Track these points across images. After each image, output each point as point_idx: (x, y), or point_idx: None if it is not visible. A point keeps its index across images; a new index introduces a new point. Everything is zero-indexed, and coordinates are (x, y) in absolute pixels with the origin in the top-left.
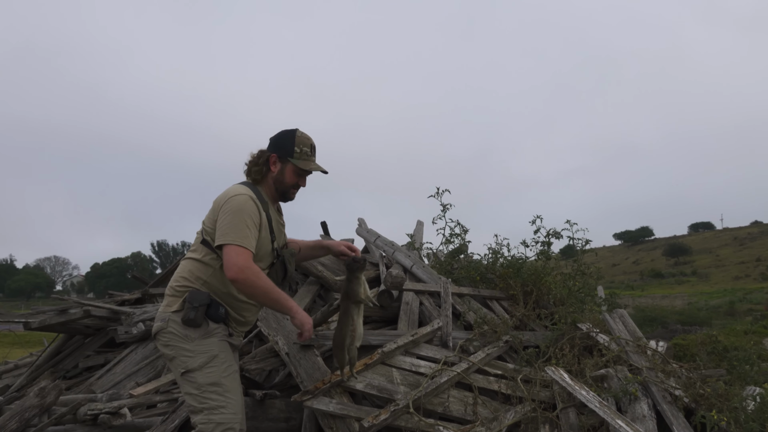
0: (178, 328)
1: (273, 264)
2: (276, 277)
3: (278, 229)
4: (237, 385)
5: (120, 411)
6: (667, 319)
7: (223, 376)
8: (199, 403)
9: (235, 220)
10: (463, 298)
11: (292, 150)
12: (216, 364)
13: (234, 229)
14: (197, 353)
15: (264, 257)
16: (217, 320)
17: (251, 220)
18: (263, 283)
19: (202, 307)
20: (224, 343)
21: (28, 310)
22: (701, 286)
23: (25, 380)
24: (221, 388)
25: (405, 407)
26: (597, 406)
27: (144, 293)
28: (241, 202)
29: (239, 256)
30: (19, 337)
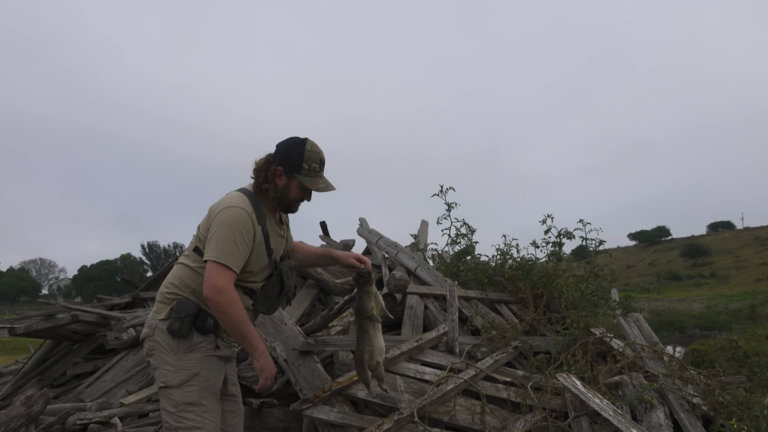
0: (164, 338)
1: (271, 276)
2: (272, 290)
3: (276, 241)
4: (216, 404)
5: (110, 421)
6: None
7: (202, 396)
8: (175, 421)
9: (224, 235)
10: (470, 301)
11: (299, 166)
12: (196, 382)
13: (222, 245)
14: (178, 369)
15: (261, 271)
16: (205, 332)
17: (242, 237)
18: (235, 313)
19: (189, 318)
20: (209, 359)
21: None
22: (720, 289)
23: (10, 389)
24: (199, 408)
25: (409, 416)
26: (611, 414)
27: (135, 297)
28: (234, 216)
29: (220, 277)
30: (3, 344)
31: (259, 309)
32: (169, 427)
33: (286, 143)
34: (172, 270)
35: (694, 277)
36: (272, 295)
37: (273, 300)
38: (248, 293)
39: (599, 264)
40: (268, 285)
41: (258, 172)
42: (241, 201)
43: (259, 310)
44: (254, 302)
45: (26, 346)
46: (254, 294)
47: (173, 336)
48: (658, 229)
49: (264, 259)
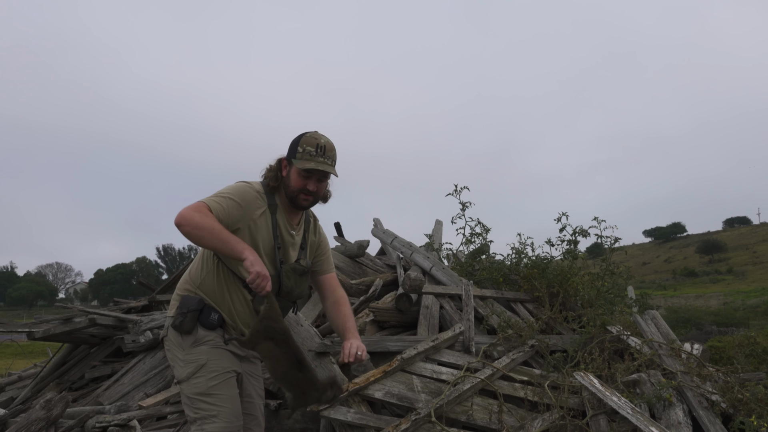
0: (173, 335)
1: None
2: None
3: (284, 237)
4: (230, 390)
5: (129, 423)
6: (701, 320)
7: (211, 385)
8: (192, 413)
9: (222, 191)
10: (486, 300)
11: (295, 150)
12: (203, 373)
13: (215, 194)
14: (187, 363)
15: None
16: (210, 327)
17: (236, 201)
18: (207, 222)
19: (192, 313)
20: (217, 351)
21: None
22: (737, 285)
23: (29, 392)
24: (212, 397)
25: (426, 416)
26: (629, 412)
27: (151, 300)
28: (240, 185)
29: (194, 204)
30: (22, 348)
31: (256, 307)
32: (190, 419)
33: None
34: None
35: (710, 274)
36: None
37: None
38: (247, 288)
39: (615, 261)
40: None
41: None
42: (252, 182)
43: (256, 308)
44: (253, 299)
45: (44, 350)
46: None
47: (178, 332)
48: (674, 226)
49: (267, 249)
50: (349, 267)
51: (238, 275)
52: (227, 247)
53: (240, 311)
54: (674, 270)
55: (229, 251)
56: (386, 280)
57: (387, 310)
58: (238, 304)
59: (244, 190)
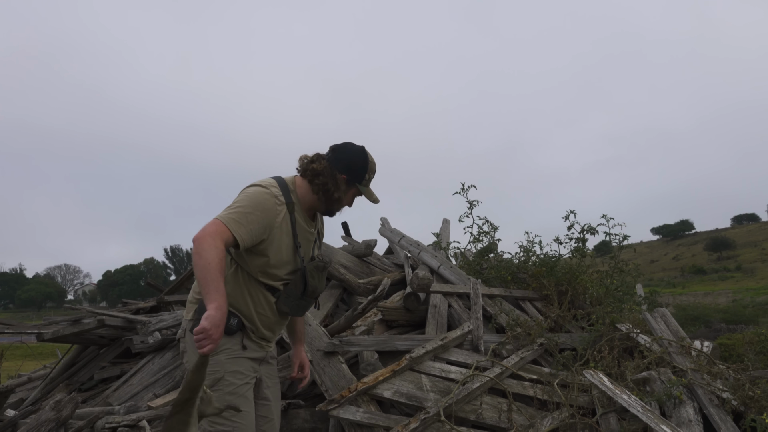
0: (191, 341)
1: (295, 272)
2: (295, 288)
3: (304, 236)
4: (247, 406)
5: (139, 424)
6: (710, 317)
7: (228, 399)
8: (208, 425)
9: (240, 204)
10: (494, 299)
11: (363, 177)
12: (221, 387)
13: (232, 210)
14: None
15: (283, 264)
16: (229, 332)
17: (256, 213)
18: (210, 257)
19: None
20: (235, 360)
21: (40, 320)
22: (746, 282)
23: (39, 393)
24: (228, 411)
25: (436, 415)
26: (639, 410)
27: (159, 301)
28: (256, 192)
29: (213, 226)
30: (31, 349)
31: (281, 308)
32: (204, 430)
33: (348, 150)
34: None
35: (719, 271)
36: (295, 294)
37: (296, 300)
38: (270, 290)
39: (623, 259)
40: (291, 283)
41: (323, 176)
42: (269, 183)
43: (282, 310)
44: (276, 300)
45: (53, 352)
46: (276, 292)
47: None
48: (682, 223)
49: (288, 251)
50: (357, 266)
51: (257, 279)
52: (204, 290)
53: (262, 314)
54: (682, 268)
55: (204, 294)
56: (394, 279)
57: (395, 309)
58: (260, 307)
59: (263, 199)
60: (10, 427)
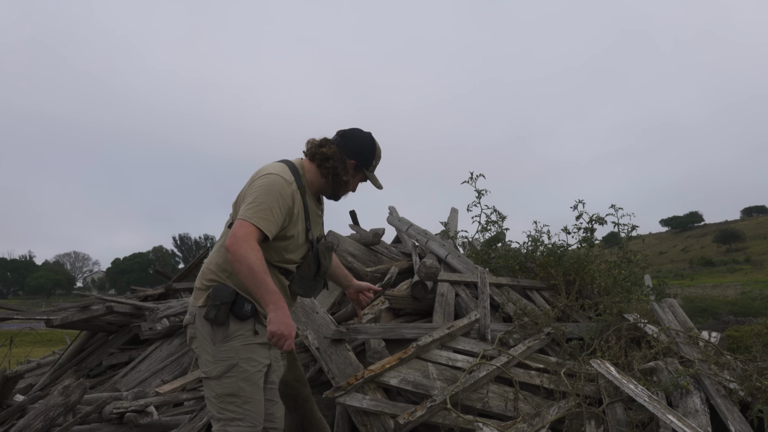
0: (202, 326)
1: (307, 255)
2: (309, 270)
3: (314, 219)
4: (257, 394)
5: (146, 409)
6: (718, 309)
7: (241, 387)
8: (217, 412)
9: (260, 199)
10: (502, 288)
11: (371, 163)
12: (234, 373)
13: (255, 207)
14: (217, 360)
15: (298, 248)
16: (243, 318)
17: (278, 204)
18: (251, 259)
19: (225, 305)
20: (248, 347)
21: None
22: (755, 275)
23: (48, 379)
24: (239, 399)
25: (442, 403)
26: (646, 400)
27: (168, 288)
28: (273, 182)
29: (243, 229)
30: (40, 336)
31: (295, 290)
32: (213, 417)
33: (357, 137)
34: (210, 255)
35: (728, 263)
36: (308, 276)
37: (309, 281)
38: (284, 273)
39: (632, 250)
40: (304, 265)
41: (332, 160)
42: (281, 170)
43: (296, 292)
44: (290, 283)
45: (62, 338)
46: (290, 274)
47: (210, 323)
48: (691, 215)
49: (302, 235)
50: (365, 255)
51: (272, 263)
52: (258, 291)
53: None
54: (691, 259)
55: (258, 296)
56: (402, 267)
57: (402, 297)
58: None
59: (281, 188)
60: (19, 412)
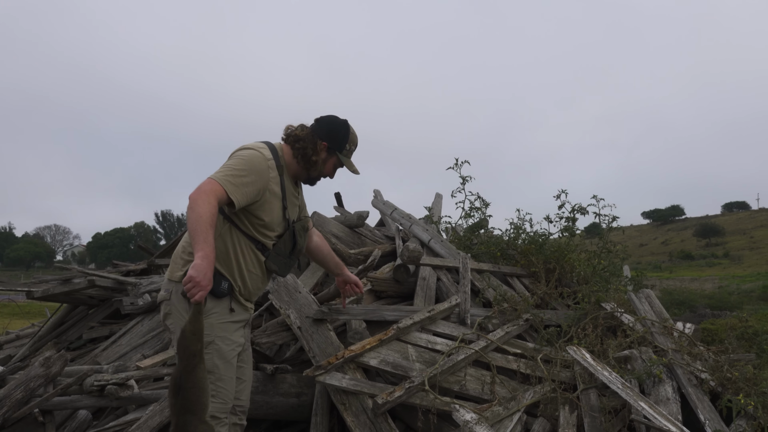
0: (178, 302)
1: (283, 235)
2: (284, 247)
3: (291, 200)
4: (230, 372)
5: (127, 383)
6: (695, 302)
7: (216, 364)
8: None
9: (236, 166)
10: (483, 274)
11: (343, 146)
12: (209, 351)
13: (227, 172)
14: None
15: (274, 225)
16: (219, 295)
17: (251, 177)
18: (203, 210)
19: None
20: (224, 325)
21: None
22: (733, 269)
23: (27, 351)
24: (213, 375)
25: (420, 385)
26: (619, 387)
27: (150, 264)
28: (252, 156)
29: (209, 185)
30: (19, 308)
31: (270, 267)
32: None
33: (331, 121)
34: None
35: (707, 257)
36: (284, 253)
37: (284, 258)
38: (260, 249)
39: (612, 240)
40: (280, 242)
41: (303, 141)
42: (259, 146)
43: (271, 268)
44: (266, 259)
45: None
46: (266, 251)
47: (187, 300)
48: (672, 208)
49: (278, 212)
50: (348, 237)
51: (252, 237)
52: (193, 241)
53: (252, 272)
54: (671, 252)
55: (193, 245)
56: (385, 250)
57: (384, 280)
58: (250, 265)
59: (256, 162)
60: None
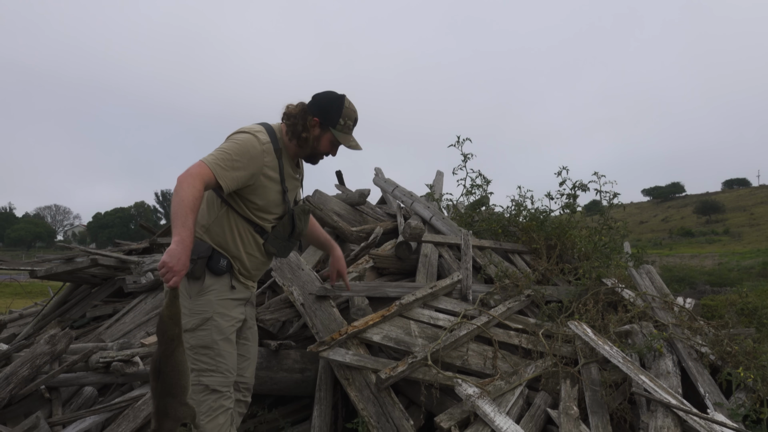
0: (183, 282)
1: (283, 216)
2: (283, 230)
3: (291, 183)
4: (230, 347)
5: (132, 359)
6: (695, 279)
7: (214, 340)
8: (192, 362)
9: (228, 150)
10: (484, 251)
11: (336, 121)
12: (208, 327)
13: (219, 155)
14: (192, 313)
15: (272, 207)
16: (218, 273)
17: (243, 161)
18: (186, 194)
19: (201, 260)
20: (223, 302)
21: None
22: (733, 246)
23: (31, 329)
24: (212, 351)
25: (423, 360)
26: (620, 361)
27: (152, 242)
28: (246, 140)
29: (197, 168)
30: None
31: (269, 249)
32: (190, 368)
33: (325, 97)
34: None
35: (706, 234)
36: (283, 236)
37: (284, 241)
38: (259, 232)
39: (613, 217)
40: (279, 225)
41: (294, 118)
42: (256, 129)
43: (270, 251)
44: (265, 242)
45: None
46: (265, 233)
47: (186, 277)
48: (673, 186)
49: (276, 195)
50: (350, 215)
51: (249, 219)
52: (173, 224)
53: (251, 255)
54: (671, 229)
55: (172, 228)
56: (386, 228)
57: (387, 257)
58: (249, 248)
59: (250, 146)
60: (4, 360)
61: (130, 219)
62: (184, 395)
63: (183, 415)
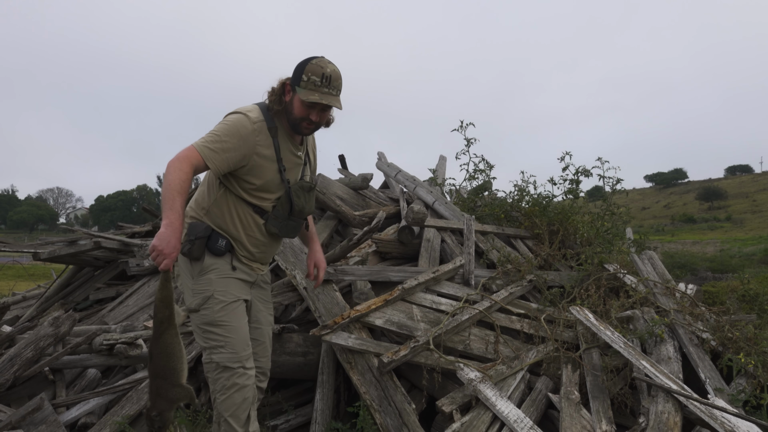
0: (183, 262)
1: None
2: (282, 210)
3: (290, 159)
4: (238, 321)
5: (136, 342)
6: (697, 265)
7: (219, 316)
8: (203, 341)
9: (218, 132)
10: (487, 236)
11: (299, 78)
12: (210, 305)
13: (208, 138)
14: (195, 293)
15: (270, 187)
16: (218, 253)
17: (233, 143)
18: (173, 178)
19: (200, 240)
20: (224, 280)
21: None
22: (735, 233)
23: (35, 311)
24: (219, 328)
25: (425, 344)
26: (621, 346)
27: (155, 226)
28: (233, 120)
29: (186, 152)
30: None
31: (270, 229)
32: (200, 346)
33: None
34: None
35: (709, 220)
36: (283, 216)
37: (284, 221)
38: (258, 212)
39: (615, 203)
40: (278, 204)
41: (272, 94)
42: (248, 109)
43: (271, 231)
44: (265, 222)
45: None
46: (265, 214)
47: (187, 258)
48: (675, 172)
49: (274, 174)
50: (353, 199)
51: (247, 200)
52: (162, 208)
53: (252, 236)
54: (673, 216)
55: (162, 212)
56: (389, 212)
57: (389, 241)
58: (249, 229)
59: (240, 126)
60: (8, 342)
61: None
62: (175, 377)
63: (176, 396)
